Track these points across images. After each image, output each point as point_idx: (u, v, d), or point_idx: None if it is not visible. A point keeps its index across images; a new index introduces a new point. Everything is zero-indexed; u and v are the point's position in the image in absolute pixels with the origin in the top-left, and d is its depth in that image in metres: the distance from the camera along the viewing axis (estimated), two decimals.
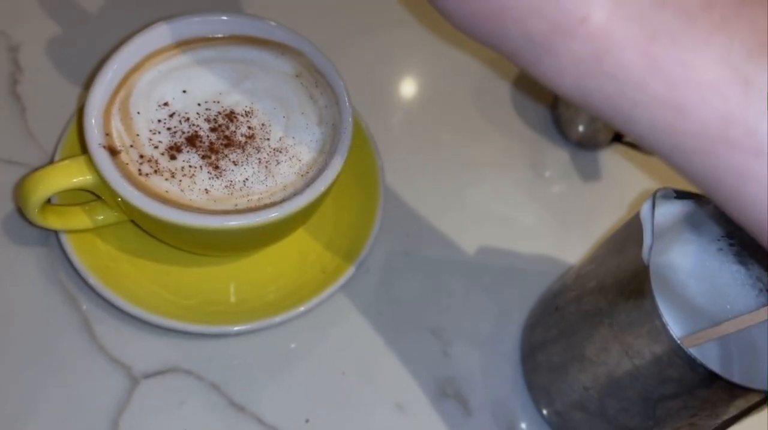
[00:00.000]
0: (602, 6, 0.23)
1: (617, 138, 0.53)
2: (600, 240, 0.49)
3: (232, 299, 0.43)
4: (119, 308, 0.40)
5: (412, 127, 0.53)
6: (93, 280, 0.40)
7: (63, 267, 0.43)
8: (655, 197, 0.35)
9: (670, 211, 0.38)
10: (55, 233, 0.42)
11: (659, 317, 0.33)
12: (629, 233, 0.37)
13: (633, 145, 0.53)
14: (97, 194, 0.39)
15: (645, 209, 0.35)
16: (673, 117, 0.24)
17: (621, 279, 0.36)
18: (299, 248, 0.44)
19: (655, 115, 0.24)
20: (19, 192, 0.38)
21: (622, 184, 0.53)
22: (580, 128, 0.53)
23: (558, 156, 0.54)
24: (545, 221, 0.51)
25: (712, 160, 0.24)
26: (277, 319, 0.41)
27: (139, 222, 0.39)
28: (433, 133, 0.53)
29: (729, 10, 0.23)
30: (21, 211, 0.41)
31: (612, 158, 0.54)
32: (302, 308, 0.42)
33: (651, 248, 0.34)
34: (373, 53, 0.56)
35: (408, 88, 0.56)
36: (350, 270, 0.43)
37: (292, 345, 0.43)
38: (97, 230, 0.42)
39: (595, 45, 0.24)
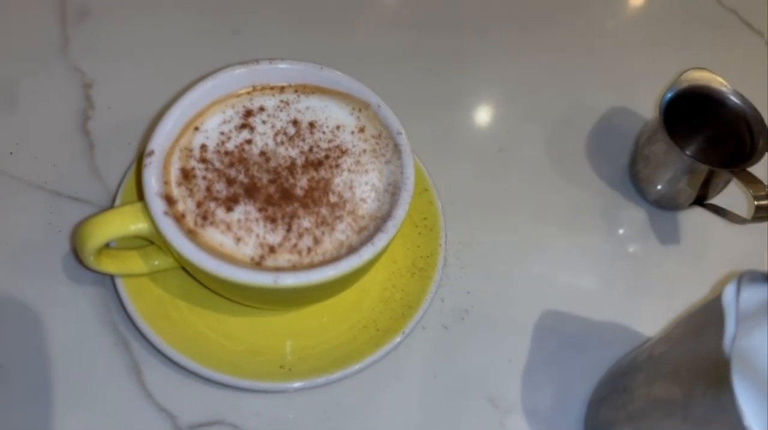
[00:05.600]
0: None
1: (699, 201, 0.50)
2: (676, 314, 0.46)
3: (284, 352, 0.41)
4: (168, 357, 0.40)
5: (479, 175, 0.51)
6: (144, 325, 0.40)
7: (117, 309, 0.43)
8: (740, 281, 0.32)
9: (756, 294, 0.34)
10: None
11: (741, 416, 0.29)
12: (709, 316, 0.33)
13: (716, 210, 0.50)
14: (153, 241, 0.39)
15: (728, 295, 0.32)
16: None
17: (698, 367, 0.33)
18: (353, 301, 0.43)
19: None
20: (75, 238, 0.37)
21: (703, 251, 0.50)
22: (659, 187, 0.49)
23: (634, 215, 0.51)
24: (617, 285, 0.48)
25: None
26: (328, 378, 0.40)
27: (193, 273, 0.39)
28: (502, 183, 0.51)
29: None
30: (77, 255, 0.41)
31: (692, 221, 0.51)
32: (354, 368, 0.40)
33: (734, 338, 0.31)
34: (441, 98, 0.55)
35: (476, 134, 0.54)
36: (406, 328, 0.41)
37: (342, 403, 0.42)
38: (152, 274, 0.42)
39: None
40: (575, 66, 0.58)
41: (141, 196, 0.37)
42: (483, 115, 0.55)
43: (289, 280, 0.35)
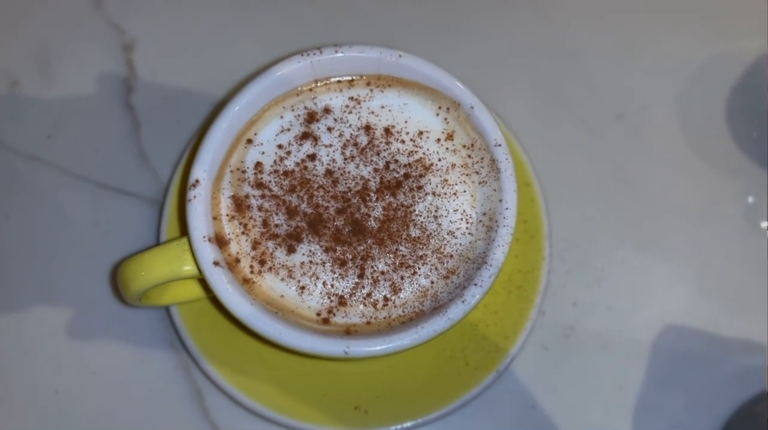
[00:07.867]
0: None
1: None
2: None
3: (358, 390, 0.36)
4: (231, 396, 0.35)
5: (590, 152, 0.42)
6: (204, 362, 0.35)
7: (174, 328, 0.38)
8: None
9: None
10: None
11: None
12: None
13: None
14: None
15: None
16: None
17: None
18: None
19: None
20: (117, 280, 0.32)
21: None
22: None
23: None
24: (756, 290, 0.40)
25: None
26: (407, 426, 0.35)
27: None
28: (619, 161, 0.42)
29: None
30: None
31: None
32: (438, 413, 0.35)
33: None
34: (540, 48, 0.45)
35: (587, 97, 0.44)
36: (500, 366, 0.36)
37: None
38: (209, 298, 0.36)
39: None
40: (718, 5, 0.46)
41: (186, 230, 0.31)
42: (596, 71, 0.44)
43: (363, 348, 0.29)
